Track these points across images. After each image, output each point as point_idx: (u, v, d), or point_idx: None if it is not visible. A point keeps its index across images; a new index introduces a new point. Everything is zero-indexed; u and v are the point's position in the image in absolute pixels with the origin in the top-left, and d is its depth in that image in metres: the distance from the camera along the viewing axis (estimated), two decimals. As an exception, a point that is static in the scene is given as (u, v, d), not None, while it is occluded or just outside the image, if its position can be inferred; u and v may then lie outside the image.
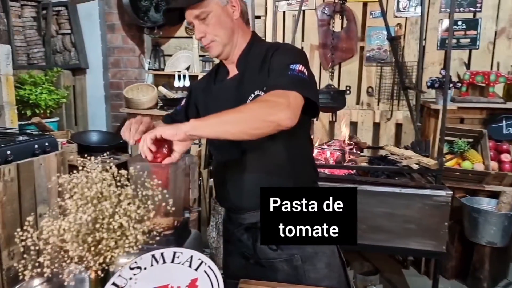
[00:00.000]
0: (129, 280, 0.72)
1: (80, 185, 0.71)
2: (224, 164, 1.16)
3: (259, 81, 1.08)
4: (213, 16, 1.08)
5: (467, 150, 2.51)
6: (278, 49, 1.10)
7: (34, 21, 3.22)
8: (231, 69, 1.18)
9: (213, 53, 1.14)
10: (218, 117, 0.91)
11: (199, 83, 1.31)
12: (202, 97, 1.23)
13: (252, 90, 1.09)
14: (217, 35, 1.10)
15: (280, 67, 1.04)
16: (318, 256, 1.15)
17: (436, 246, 1.95)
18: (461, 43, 2.91)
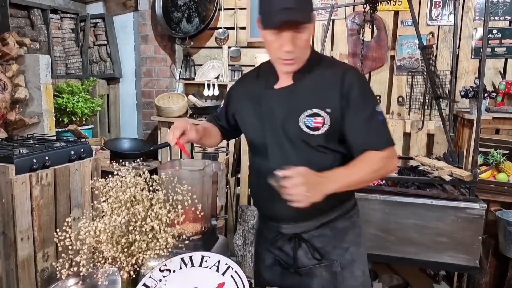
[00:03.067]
0: (159, 282, 0.75)
1: (115, 189, 0.75)
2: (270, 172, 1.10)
3: (321, 100, 1.08)
4: (308, 31, 1.04)
5: (502, 161, 2.42)
6: (354, 82, 1.08)
7: (73, 32, 3.41)
8: (284, 78, 1.14)
9: (291, 70, 1.10)
10: (349, 178, 1.03)
11: (241, 88, 1.27)
12: (250, 103, 1.19)
13: (309, 106, 1.08)
14: (302, 52, 1.08)
15: (368, 112, 1.07)
16: (356, 264, 1.18)
17: (469, 261, 1.89)
18: (496, 52, 2.82)
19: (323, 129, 1.08)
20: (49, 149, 2.08)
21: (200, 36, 3.38)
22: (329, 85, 1.09)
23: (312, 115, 1.08)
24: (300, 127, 1.09)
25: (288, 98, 1.12)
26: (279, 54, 1.05)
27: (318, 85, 1.10)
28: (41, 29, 3.04)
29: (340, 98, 1.07)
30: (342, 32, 3.13)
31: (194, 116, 3.21)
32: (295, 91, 1.11)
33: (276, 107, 1.12)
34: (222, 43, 3.41)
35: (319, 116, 1.07)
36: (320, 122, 1.07)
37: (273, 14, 1.00)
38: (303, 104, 1.09)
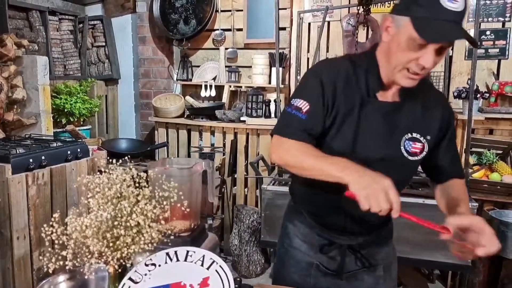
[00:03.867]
0: (144, 276, 0.77)
1: (101, 185, 0.76)
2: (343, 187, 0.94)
3: (422, 126, 1.02)
4: (447, 50, 0.93)
5: (495, 161, 2.45)
6: (451, 116, 1.08)
7: (71, 34, 3.44)
8: (390, 91, 1.00)
9: (411, 85, 0.95)
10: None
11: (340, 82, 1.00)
12: (346, 106, 0.99)
13: (411, 129, 1.01)
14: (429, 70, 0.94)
15: (455, 144, 1.10)
16: (393, 265, 1.18)
17: (461, 260, 1.91)
18: (490, 53, 2.85)
19: (421, 156, 1.03)
20: (45, 149, 2.10)
21: (197, 38, 3.41)
22: (431, 113, 1.03)
23: (411, 139, 1.01)
24: (401, 151, 1.01)
25: (392, 116, 1.00)
26: (410, 65, 0.90)
27: (421, 109, 1.03)
28: (40, 30, 3.07)
29: (439, 129, 1.04)
30: (337, 33, 3.15)
31: (191, 117, 3.23)
32: (400, 110, 1.01)
33: (377, 122, 1.00)
34: (219, 45, 3.44)
35: (419, 141, 1.02)
36: (419, 148, 1.02)
37: (442, 25, 0.84)
38: (406, 126, 1.01)
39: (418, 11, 0.86)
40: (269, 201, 2.27)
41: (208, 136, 3.18)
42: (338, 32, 3.15)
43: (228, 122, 3.05)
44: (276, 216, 2.15)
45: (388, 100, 1.01)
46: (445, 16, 0.84)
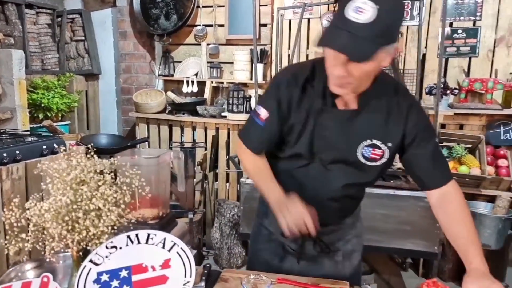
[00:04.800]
0: (105, 258, 0.79)
1: (60, 170, 0.79)
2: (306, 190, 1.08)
3: (383, 133, 1.02)
4: (371, 65, 0.89)
5: (464, 155, 2.55)
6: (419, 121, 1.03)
7: (49, 28, 3.39)
8: (347, 99, 1.02)
9: (340, 93, 0.97)
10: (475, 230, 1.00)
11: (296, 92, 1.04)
12: (305, 113, 1.03)
13: (370, 136, 1.02)
14: (358, 83, 0.94)
15: (432, 148, 1.04)
16: (355, 253, 1.24)
17: (429, 247, 2.00)
18: (461, 51, 2.96)
19: (380, 162, 1.04)
20: (20, 144, 2.08)
21: (178, 33, 3.41)
22: (393, 119, 1.02)
23: (371, 146, 1.02)
24: (357, 157, 1.04)
25: (350, 123, 1.02)
26: (330, 72, 0.94)
27: (383, 116, 1.02)
28: (16, 24, 3.03)
29: (402, 136, 1.03)
30: (317, 30, 3.21)
31: (173, 113, 3.24)
32: (358, 118, 1.02)
33: (335, 129, 1.03)
34: (200, 40, 3.45)
35: (378, 148, 1.02)
36: (379, 154, 1.03)
37: (335, 32, 0.86)
38: (365, 133, 1.02)
39: (334, 16, 0.91)
40: (248, 194, 2.32)
41: (190, 132, 3.20)
42: (318, 29, 3.21)
43: (210, 117, 3.08)
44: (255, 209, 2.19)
45: (345, 107, 1.03)
46: (344, 25, 0.83)
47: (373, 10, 0.81)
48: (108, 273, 0.76)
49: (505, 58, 2.89)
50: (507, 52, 2.88)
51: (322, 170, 1.06)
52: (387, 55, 0.90)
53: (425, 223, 2.01)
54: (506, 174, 2.52)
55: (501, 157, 2.62)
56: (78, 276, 0.76)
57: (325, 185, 1.08)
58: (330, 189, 1.08)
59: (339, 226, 1.21)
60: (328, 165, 1.06)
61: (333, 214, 1.15)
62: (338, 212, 1.16)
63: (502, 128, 2.70)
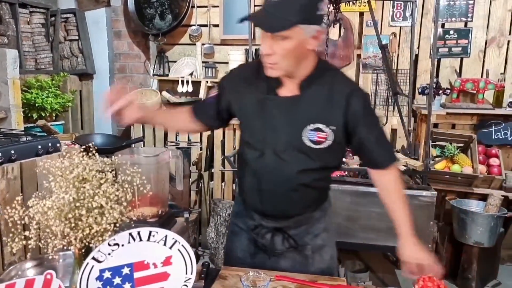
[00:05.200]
0: (108, 255, 0.80)
1: (63, 168, 0.79)
2: (262, 177, 1.16)
3: (325, 116, 1.09)
4: (290, 42, 0.99)
5: (456, 154, 2.59)
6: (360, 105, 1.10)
7: (43, 27, 3.36)
8: (289, 86, 1.11)
9: (270, 75, 1.07)
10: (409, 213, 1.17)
11: (236, 81, 1.20)
12: (251, 103, 1.15)
13: (313, 120, 1.09)
14: (284, 62, 1.03)
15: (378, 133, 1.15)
16: (325, 248, 1.26)
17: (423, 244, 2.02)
18: (453, 51, 3.01)
19: (325, 144, 1.10)
20: (15, 143, 2.07)
21: (173, 33, 3.41)
22: (335, 103, 1.09)
23: (315, 130, 1.09)
24: (302, 140, 1.10)
25: (293, 109, 1.10)
26: (261, 54, 1.06)
27: (324, 100, 1.09)
28: (9, 23, 3.00)
29: (344, 119, 1.09)
30: (311, 31, 3.23)
31: (167, 112, 3.24)
32: (300, 103, 1.10)
33: (280, 116, 1.11)
34: (195, 40, 3.45)
35: (322, 131, 1.09)
36: (323, 137, 1.09)
37: (257, 11, 1.04)
38: (308, 117, 1.09)
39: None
40: (243, 193, 2.32)
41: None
42: (311, 30, 3.23)
43: (204, 117, 3.08)
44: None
45: (287, 94, 1.11)
46: (264, 5, 1.01)
47: None
48: (110, 270, 0.77)
49: (496, 59, 2.94)
50: (498, 52, 2.94)
51: (275, 160, 1.13)
52: (308, 36, 1.01)
53: (419, 222, 2.01)
54: (497, 173, 2.57)
55: (492, 156, 2.66)
56: (81, 273, 0.76)
57: (280, 174, 1.14)
58: (285, 178, 1.14)
59: (305, 219, 1.23)
60: (281, 154, 1.12)
61: (294, 205, 1.19)
62: (298, 202, 1.19)
63: (493, 128, 2.75)
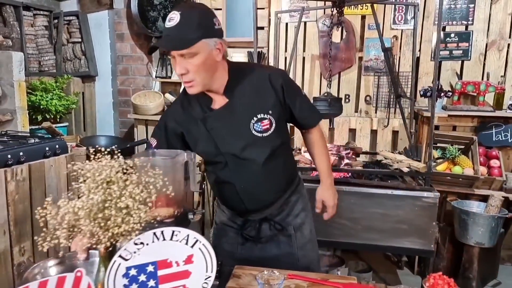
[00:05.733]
0: (133, 254, 0.83)
1: (92, 171, 0.82)
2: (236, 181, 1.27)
3: (260, 105, 1.22)
4: (199, 57, 1.10)
5: (458, 155, 2.63)
6: (282, 84, 1.25)
7: (46, 30, 3.39)
8: (217, 99, 1.23)
9: (192, 92, 1.17)
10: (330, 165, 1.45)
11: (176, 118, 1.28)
12: (194, 127, 1.24)
13: (253, 113, 1.22)
14: (199, 76, 1.13)
15: (303, 102, 1.33)
16: (305, 225, 1.39)
17: (425, 245, 2.07)
18: (454, 54, 3.05)
19: (272, 128, 1.24)
20: (23, 145, 2.09)
21: (176, 36, 3.43)
22: (262, 91, 1.23)
23: (258, 120, 1.22)
24: (254, 135, 1.22)
25: (230, 115, 1.22)
26: (178, 76, 1.16)
27: (252, 93, 1.23)
28: (14, 26, 3.02)
29: (276, 98, 1.24)
30: (313, 34, 3.27)
31: (171, 114, 3.26)
32: (234, 107, 1.22)
33: (222, 125, 1.22)
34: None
35: (265, 119, 1.22)
36: (267, 123, 1.23)
37: (162, 38, 1.13)
38: (247, 113, 1.22)
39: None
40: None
41: (188, 133, 3.22)
42: (314, 32, 3.27)
43: (208, 119, 3.10)
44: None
45: (221, 105, 1.23)
46: (165, 32, 1.12)
47: (177, 16, 1.09)
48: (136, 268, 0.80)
49: (496, 62, 2.99)
50: (498, 55, 2.98)
51: (239, 163, 1.24)
52: (213, 48, 1.13)
53: (421, 222, 2.07)
54: (498, 174, 2.61)
55: (493, 158, 2.70)
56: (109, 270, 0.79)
57: (249, 173, 1.25)
58: (254, 174, 1.25)
59: (285, 203, 1.35)
60: (240, 155, 1.23)
61: (272, 192, 1.31)
62: (275, 188, 1.32)
63: (494, 130, 2.79)
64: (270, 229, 1.34)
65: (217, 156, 1.25)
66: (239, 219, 1.36)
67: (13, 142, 2.09)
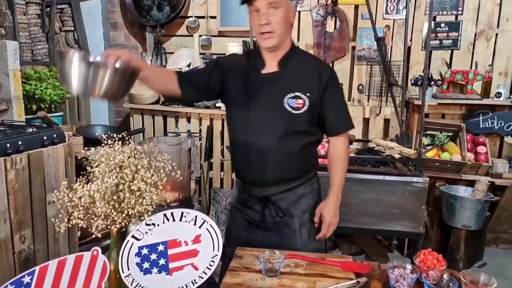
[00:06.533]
0: (145, 234, 0.89)
1: (105, 155, 0.87)
2: (251, 144, 1.33)
3: (302, 85, 1.30)
4: (282, 10, 1.23)
5: (446, 142, 2.72)
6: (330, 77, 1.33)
7: (38, 18, 3.35)
8: (270, 64, 1.33)
9: (269, 44, 1.27)
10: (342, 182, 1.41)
11: (229, 63, 1.41)
12: (239, 81, 1.35)
13: (291, 90, 1.29)
14: (279, 28, 1.24)
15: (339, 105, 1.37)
16: (312, 223, 1.41)
17: (415, 228, 2.16)
18: (444, 44, 3.12)
19: (303, 109, 1.30)
20: (22, 135, 2.10)
21: (171, 24, 3.44)
22: (309, 74, 1.31)
23: (294, 97, 1.29)
24: (284, 107, 1.29)
25: (274, 82, 1.31)
26: (258, 29, 1.25)
27: (300, 73, 1.31)
28: (6, 14, 2.99)
29: (318, 86, 1.30)
30: (307, 23, 3.30)
31: (166, 103, 3.29)
32: (280, 77, 1.31)
33: (263, 89, 1.30)
34: (193, 32, 3.49)
35: (300, 98, 1.29)
36: (301, 103, 1.29)
37: None
38: (286, 88, 1.30)
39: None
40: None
41: (184, 122, 3.26)
42: (308, 22, 3.30)
43: (204, 108, 3.14)
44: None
45: (269, 71, 1.33)
46: None
47: None
48: (147, 247, 0.85)
49: (484, 51, 3.06)
50: (486, 45, 3.06)
51: (260, 127, 1.31)
52: (291, 8, 1.27)
53: (412, 206, 2.16)
54: (484, 160, 2.71)
55: (480, 144, 2.80)
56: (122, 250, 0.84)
57: (264, 142, 1.31)
58: (270, 140, 1.30)
59: (292, 192, 1.38)
60: (264, 118, 1.31)
61: (279, 170, 1.34)
62: (284, 167, 1.34)
63: (481, 117, 2.88)
64: (273, 216, 1.37)
65: (243, 113, 1.33)
66: (244, 196, 1.41)
67: (11, 132, 2.10)
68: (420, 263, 1.01)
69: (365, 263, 1.14)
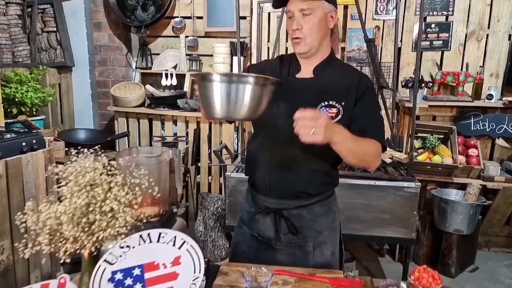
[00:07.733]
0: (119, 257, 0.81)
1: (74, 173, 0.79)
2: (271, 150, 1.25)
3: (338, 94, 1.21)
4: (315, 16, 1.17)
5: (437, 145, 2.69)
6: (369, 87, 1.23)
7: (19, 19, 3.23)
8: (306, 69, 1.26)
9: (299, 50, 1.22)
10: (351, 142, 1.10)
11: (263, 67, 1.33)
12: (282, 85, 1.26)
13: (326, 98, 1.21)
14: (311, 35, 1.19)
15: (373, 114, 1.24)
16: (327, 245, 1.30)
17: (407, 234, 2.12)
18: (434, 45, 3.09)
19: (337, 119, 1.21)
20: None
21: (156, 25, 3.35)
22: (347, 84, 1.22)
23: (328, 106, 1.21)
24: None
25: (308, 89, 1.24)
26: (291, 34, 1.21)
27: (336, 82, 1.23)
28: (-16, 14, 2.87)
29: (355, 97, 1.21)
30: (296, 24, 3.24)
31: (152, 106, 3.20)
32: (315, 84, 1.24)
33: (296, 94, 1.23)
34: (179, 33, 3.40)
35: (334, 107, 1.21)
36: (334, 112, 1.21)
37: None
38: (321, 95, 1.22)
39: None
40: (233, 187, 2.35)
41: (171, 126, 3.18)
42: (296, 23, 3.24)
43: (191, 111, 3.06)
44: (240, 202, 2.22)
45: (304, 77, 1.26)
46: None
47: None
48: (122, 272, 0.78)
49: (475, 52, 3.04)
50: (477, 46, 3.04)
51: (288, 130, 1.12)
52: (328, 13, 1.20)
53: (403, 212, 2.12)
54: (476, 163, 2.69)
55: (471, 147, 2.78)
56: (93, 276, 0.76)
57: (286, 152, 1.22)
58: (290, 155, 1.22)
59: (308, 209, 1.27)
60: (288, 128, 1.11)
61: (297, 183, 1.25)
62: (302, 181, 1.24)
63: (472, 119, 2.86)
64: (284, 234, 1.27)
65: (273, 116, 1.21)
66: (255, 208, 1.31)
67: (-13, 138, 2.00)
68: (415, 281, 0.95)
69: (356, 279, 1.08)
